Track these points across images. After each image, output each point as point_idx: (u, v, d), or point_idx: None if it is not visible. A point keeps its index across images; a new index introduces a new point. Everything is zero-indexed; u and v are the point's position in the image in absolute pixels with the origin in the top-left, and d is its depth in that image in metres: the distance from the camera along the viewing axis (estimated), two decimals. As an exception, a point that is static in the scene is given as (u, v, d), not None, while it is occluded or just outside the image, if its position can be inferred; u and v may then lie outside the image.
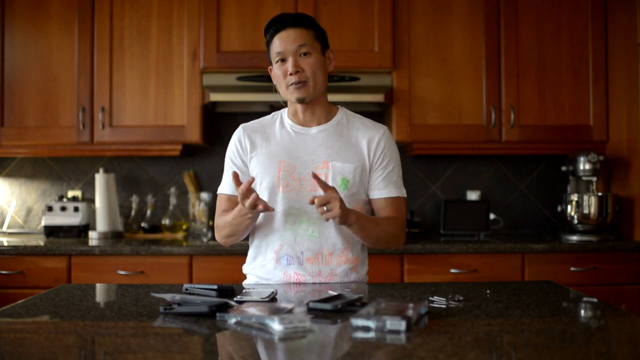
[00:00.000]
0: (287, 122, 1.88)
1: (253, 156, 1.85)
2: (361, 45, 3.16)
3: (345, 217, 1.65)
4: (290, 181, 1.79)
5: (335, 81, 3.12)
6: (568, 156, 3.27)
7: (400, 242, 1.87)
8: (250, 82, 3.14)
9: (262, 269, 1.85)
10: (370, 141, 1.84)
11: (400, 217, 1.84)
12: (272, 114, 1.94)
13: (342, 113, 1.90)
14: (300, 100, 1.80)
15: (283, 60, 1.79)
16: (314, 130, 1.85)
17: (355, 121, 1.89)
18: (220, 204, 1.89)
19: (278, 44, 1.78)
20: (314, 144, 1.83)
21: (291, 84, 1.78)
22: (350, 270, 1.83)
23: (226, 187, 1.88)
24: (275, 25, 1.79)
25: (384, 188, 1.84)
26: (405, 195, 1.88)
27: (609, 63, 3.21)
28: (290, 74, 1.77)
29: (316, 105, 1.85)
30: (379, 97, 3.12)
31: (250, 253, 1.91)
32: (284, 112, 1.92)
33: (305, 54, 1.77)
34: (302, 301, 1.53)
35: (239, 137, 1.89)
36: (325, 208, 1.61)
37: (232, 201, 1.86)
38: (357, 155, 1.82)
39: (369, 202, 1.88)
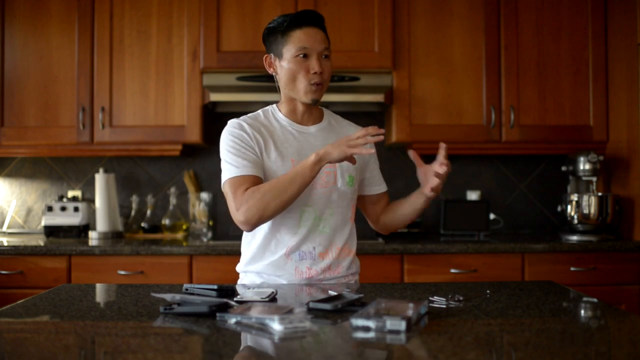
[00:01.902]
0: (285, 120, 1.85)
1: (266, 154, 1.78)
2: (361, 45, 3.16)
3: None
4: None
5: (335, 81, 3.12)
6: (568, 156, 3.27)
7: None
8: (250, 82, 3.14)
9: (269, 265, 1.81)
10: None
11: None
12: (261, 111, 1.89)
13: (327, 113, 1.95)
14: (315, 102, 1.80)
15: (305, 56, 1.76)
16: (312, 129, 1.87)
17: (341, 121, 1.96)
18: (240, 185, 1.70)
19: (304, 38, 1.75)
20: (317, 143, 1.84)
21: (313, 83, 1.76)
22: (352, 262, 1.90)
23: (244, 168, 1.72)
24: (304, 18, 1.77)
25: (382, 183, 1.99)
26: None
27: (609, 63, 3.21)
28: (315, 73, 1.76)
29: (314, 107, 1.88)
30: (379, 97, 3.12)
31: (252, 252, 1.85)
32: (274, 109, 1.88)
33: (326, 56, 1.80)
34: (302, 301, 1.53)
35: (245, 129, 1.78)
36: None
37: (254, 182, 1.72)
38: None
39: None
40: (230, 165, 1.74)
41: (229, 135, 1.79)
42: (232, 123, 1.83)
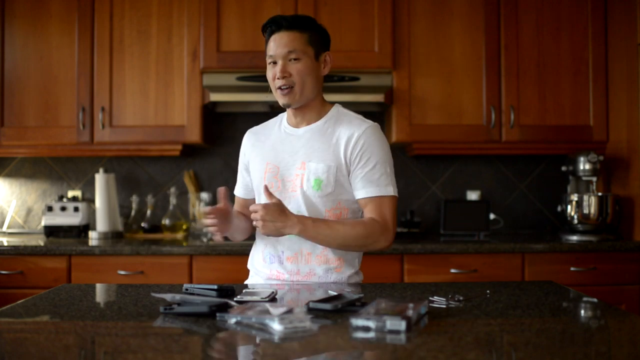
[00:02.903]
0: (284, 124, 1.92)
1: (252, 158, 1.93)
2: (361, 45, 3.16)
3: (274, 231, 1.70)
4: (274, 182, 1.84)
5: (335, 81, 3.12)
6: (568, 156, 3.27)
7: (378, 244, 1.76)
8: (250, 82, 3.14)
9: (256, 266, 1.92)
10: (349, 140, 1.78)
11: (379, 217, 1.75)
12: (279, 115, 1.98)
13: (334, 111, 1.86)
14: (286, 105, 1.82)
15: (274, 62, 1.80)
16: (301, 130, 1.87)
17: (344, 119, 1.84)
18: (235, 202, 2.03)
19: (270, 46, 1.81)
20: (298, 145, 1.84)
21: (277, 88, 1.80)
22: (333, 270, 1.81)
23: (236, 188, 2.04)
24: (270, 27, 1.81)
25: (362, 188, 1.77)
26: (391, 193, 1.77)
27: (609, 63, 3.21)
28: (277, 78, 1.78)
29: (306, 109, 1.84)
30: (379, 97, 3.12)
31: (251, 252, 1.99)
32: (284, 114, 1.96)
33: (295, 59, 1.77)
34: (302, 301, 1.53)
35: (243, 143, 2.00)
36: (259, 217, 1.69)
37: (240, 204, 2.01)
38: (335, 154, 1.79)
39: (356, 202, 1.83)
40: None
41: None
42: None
